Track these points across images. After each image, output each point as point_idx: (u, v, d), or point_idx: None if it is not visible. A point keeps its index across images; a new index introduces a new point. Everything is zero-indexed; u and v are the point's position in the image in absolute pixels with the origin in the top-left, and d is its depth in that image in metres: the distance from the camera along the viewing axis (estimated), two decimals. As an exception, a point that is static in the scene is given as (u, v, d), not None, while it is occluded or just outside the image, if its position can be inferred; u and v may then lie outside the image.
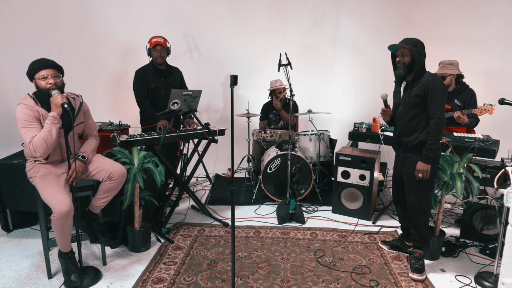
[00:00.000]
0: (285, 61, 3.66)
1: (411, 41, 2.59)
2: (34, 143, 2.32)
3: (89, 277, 2.59)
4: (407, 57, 2.59)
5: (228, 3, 5.01)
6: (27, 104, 2.40)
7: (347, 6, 4.94)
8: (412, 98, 2.59)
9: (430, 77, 2.56)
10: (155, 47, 3.57)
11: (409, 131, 2.66)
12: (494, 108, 3.25)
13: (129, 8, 4.82)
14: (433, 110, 2.54)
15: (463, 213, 3.26)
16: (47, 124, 2.34)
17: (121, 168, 2.66)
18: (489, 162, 3.23)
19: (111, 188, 2.62)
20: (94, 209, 2.68)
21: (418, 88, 2.57)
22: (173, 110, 3.25)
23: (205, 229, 3.42)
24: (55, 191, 2.39)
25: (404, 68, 2.61)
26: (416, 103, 2.58)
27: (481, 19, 4.52)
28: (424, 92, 2.54)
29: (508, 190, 2.14)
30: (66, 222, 2.39)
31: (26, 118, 2.36)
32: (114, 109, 4.83)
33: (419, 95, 2.56)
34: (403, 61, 2.61)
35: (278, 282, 2.61)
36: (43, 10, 4.56)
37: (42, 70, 2.39)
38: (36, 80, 2.40)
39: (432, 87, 2.51)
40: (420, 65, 2.58)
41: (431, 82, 2.52)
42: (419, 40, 2.62)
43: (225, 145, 4.12)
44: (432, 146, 2.55)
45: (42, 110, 2.42)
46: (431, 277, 2.71)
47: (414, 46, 2.56)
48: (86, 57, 4.81)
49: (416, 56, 2.55)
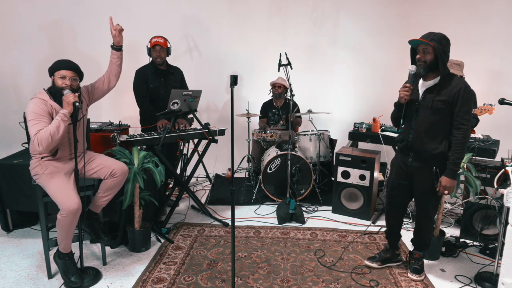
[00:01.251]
0: (285, 61, 3.66)
1: (436, 37, 2.30)
2: (39, 136, 2.34)
3: (89, 278, 2.58)
4: (429, 55, 2.32)
5: (228, 3, 5.02)
6: (42, 98, 2.46)
7: (347, 6, 4.94)
8: (437, 103, 2.34)
9: (461, 83, 2.31)
10: (154, 47, 3.57)
11: (427, 139, 2.41)
12: (494, 108, 3.25)
13: (129, 8, 4.82)
14: (461, 120, 2.29)
15: (463, 213, 3.26)
16: (57, 120, 2.38)
17: (123, 166, 2.68)
18: (489, 162, 3.23)
19: (112, 185, 2.63)
20: (95, 209, 2.68)
21: (446, 93, 2.32)
22: (173, 110, 3.25)
23: (205, 229, 3.42)
24: (64, 188, 2.41)
25: (425, 67, 2.36)
26: (440, 109, 2.34)
27: (481, 19, 4.52)
28: (453, 99, 2.29)
29: (508, 190, 2.14)
30: (73, 220, 2.40)
31: (38, 111, 2.41)
32: (114, 109, 4.83)
33: (446, 100, 2.31)
34: (425, 59, 2.34)
35: (278, 282, 2.61)
36: (42, 10, 4.56)
37: (63, 69, 2.48)
38: (55, 77, 2.49)
39: (464, 94, 2.27)
40: (445, 66, 2.32)
41: (463, 89, 2.27)
42: (445, 36, 2.32)
43: (225, 145, 4.12)
44: (458, 161, 2.32)
45: (55, 104, 2.49)
46: (431, 277, 2.71)
47: (439, 43, 2.28)
48: (86, 57, 4.80)
49: (440, 55, 2.29)
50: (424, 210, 2.61)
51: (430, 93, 2.40)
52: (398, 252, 2.88)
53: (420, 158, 2.47)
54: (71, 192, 2.41)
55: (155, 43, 3.56)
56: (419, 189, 2.55)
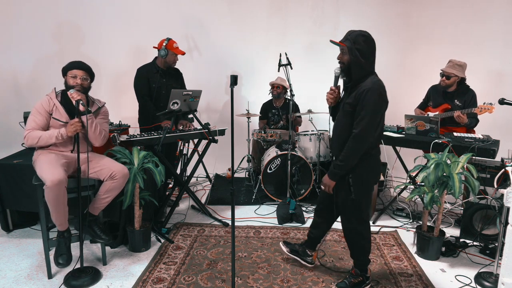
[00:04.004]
0: (285, 61, 3.66)
1: (351, 36, 2.14)
2: (30, 135, 2.57)
3: (88, 277, 2.59)
4: (346, 55, 2.17)
5: (228, 3, 5.02)
6: (48, 96, 2.66)
7: (347, 6, 4.95)
8: (346, 106, 2.21)
9: (368, 85, 2.11)
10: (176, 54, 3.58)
11: (341, 142, 2.25)
12: (493, 107, 3.25)
13: (129, 9, 4.83)
14: (356, 124, 2.14)
15: (463, 213, 3.26)
16: (52, 134, 2.56)
17: (123, 169, 2.68)
18: (489, 162, 3.23)
19: (112, 188, 2.63)
20: (94, 211, 2.68)
21: (354, 95, 2.16)
22: (173, 110, 3.25)
23: (205, 229, 3.42)
24: (50, 163, 2.48)
25: (345, 68, 2.20)
26: (349, 112, 2.19)
27: (481, 19, 4.52)
28: (357, 102, 2.12)
29: (508, 190, 2.14)
30: (59, 195, 2.40)
31: (39, 108, 2.61)
32: (114, 109, 4.82)
33: (352, 103, 2.16)
34: (342, 60, 2.20)
35: (278, 282, 2.61)
36: (43, 10, 4.57)
37: (75, 69, 2.65)
38: (67, 77, 2.65)
39: (365, 97, 2.09)
40: (359, 67, 2.15)
41: (365, 91, 2.09)
42: (363, 34, 2.15)
43: (225, 145, 4.11)
44: (341, 163, 2.19)
45: (58, 104, 2.65)
46: (431, 277, 2.71)
47: (353, 42, 2.12)
48: (86, 57, 4.80)
49: (353, 55, 2.13)
50: (345, 220, 2.44)
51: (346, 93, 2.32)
52: (311, 253, 2.73)
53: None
54: (55, 168, 2.43)
55: (182, 53, 3.60)
56: (337, 197, 2.38)
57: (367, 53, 2.14)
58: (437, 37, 4.69)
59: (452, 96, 3.62)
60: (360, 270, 2.52)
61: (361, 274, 2.52)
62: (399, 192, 4.00)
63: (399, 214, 3.72)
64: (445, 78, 3.56)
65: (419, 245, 3.00)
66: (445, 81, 3.57)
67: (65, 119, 2.64)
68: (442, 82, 3.60)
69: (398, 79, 4.95)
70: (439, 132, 3.40)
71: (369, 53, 2.16)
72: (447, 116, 3.56)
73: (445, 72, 3.55)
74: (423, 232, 2.98)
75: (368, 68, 2.18)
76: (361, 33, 2.15)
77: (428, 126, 3.45)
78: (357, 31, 2.16)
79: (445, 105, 3.64)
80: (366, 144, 2.18)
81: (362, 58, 2.13)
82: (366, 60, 2.15)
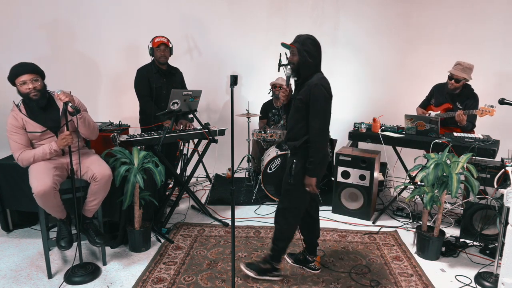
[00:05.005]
0: (285, 61, 3.66)
1: (300, 39, 2.38)
2: (22, 156, 2.52)
3: (88, 273, 2.61)
4: (295, 56, 2.37)
5: (228, 3, 5.01)
6: (12, 114, 2.54)
7: (347, 6, 4.94)
8: (297, 101, 2.39)
9: (314, 81, 2.33)
10: (159, 46, 3.53)
11: (292, 136, 2.46)
12: (494, 110, 3.24)
13: (129, 8, 4.82)
14: (311, 121, 2.34)
15: (463, 213, 3.26)
16: (45, 151, 2.51)
17: (106, 170, 2.60)
18: (489, 162, 3.23)
19: (96, 190, 2.59)
20: (86, 213, 2.68)
21: (303, 92, 2.35)
22: (173, 110, 3.25)
23: (205, 229, 3.42)
24: (40, 173, 2.44)
25: (295, 68, 2.40)
26: (300, 108, 2.37)
27: (480, 19, 4.52)
28: (307, 98, 2.32)
29: (508, 190, 2.15)
30: (46, 201, 2.41)
31: (11, 129, 2.52)
32: (114, 109, 4.84)
33: (302, 99, 2.35)
34: (292, 60, 2.40)
35: (278, 282, 2.61)
36: (42, 9, 4.56)
37: (21, 75, 2.49)
38: (17, 86, 2.51)
39: (313, 93, 2.29)
40: (307, 66, 2.36)
41: (313, 87, 2.30)
42: (311, 37, 2.38)
43: (225, 145, 4.12)
44: (312, 159, 2.35)
45: (26, 118, 2.54)
46: (431, 277, 2.71)
47: (301, 44, 2.35)
48: (86, 57, 4.81)
49: (301, 56, 2.34)
50: (280, 204, 2.58)
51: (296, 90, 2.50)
52: (313, 259, 2.76)
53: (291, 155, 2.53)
54: (43, 175, 2.41)
55: (159, 42, 3.52)
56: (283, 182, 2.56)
57: (314, 54, 2.37)
58: (437, 37, 4.69)
59: (455, 98, 3.60)
60: (270, 257, 2.61)
61: (270, 261, 2.62)
62: (399, 192, 4.00)
63: (399, 214, 3.72)
64: (454, 81, 3.49)
65: (419, 245, 3.00)
66: (454, 84, 3.50)
67: (39, 128, 2.56)
68: (451, 85, 3.52)
69: (398, 79, 4.96)
70: (439, 132, 3.40)
71: (315, 54, 2.38)
72: (449, 116, 3.55)
73: (454, 75, 3.48)
74: (423, 232, 2.98)
75: (314, 68, 2.40)
76: (309, 37, 2.39)
77: (428, 126, 3.45)
78: (305, 35, 2.39)
79: (447, 105, 3.64)
80: (327, 134, 2.44)
81: (309, 58, 2.35)
82: (313, 60, 2.37)
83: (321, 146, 2.37)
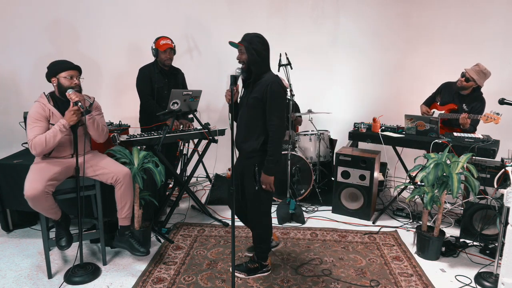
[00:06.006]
0: (285, 61, 3.66)
1: (247, 37, 2.40)
2: (35, 141, 2.45)
3: (88, 273, 2.62)
4: (244, 54, 2.39)
5: (228, 3, 5.01)
6: (41, 103, 2.55)
7: (347, 6, 4.94)
8: (251, 100, 2.39)
9: (271, 78, 2.36)
10: (165, 50, 3.51)
11: (245, 136, 2.45)
12: (500, 118, 3.20)
13: (129, 8, 4.82)
14: (269, 119, 2.34)
15: (463, 213, 3.26)
16: (55, 129, 2.47)
17: (123, 169, 2.69)
18: (489, 162, 3.23)
19: (122, 192, 2.65)
20: (123, 222, 2.72)
21: (258, 89, 2.36)
22: (173, 110, 3.25)
23: (205, 229, 3.42)
24: (34, 175, 2.45)
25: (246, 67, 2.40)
26: (254, 106, 2.38)
27: (481, 19, 4.52)
28: (263, 96, 2.33)
29: (508, 190, 2.15)
30: (36, 204, 2.42)
31: (36, 116, 2.50)
32: (114, 109, 4.83)
33: (257, 97, 2.36)
34: (242, 59, 2.40)
35: (278, 282, 2.61)
36: (43, 9, 4.56)
37: (70, 70, 2.56)
38: (60, 78, 2.54)
39: (271, 91, 2.31)
40: (257, 64, 2.37)
41: (270, 85, 2.32)
42: (258, 36, 2.41)
43: (225, 145, 4.12)
44: (271, 158, 2.36)
45: (54, 109, 2.56)
46: (431, 277, 2.71)
47: (249, 42, 2.36)
48: (86, 57, 4.81)
49: (250, 54, 2.35)
50: (251, 211, 2.57)
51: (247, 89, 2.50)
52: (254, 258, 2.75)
53: (242, 156, 2.53)
54: (35, 180, 2.42)
55: (167, 47, 3.50)
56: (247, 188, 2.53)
57: (262, 52, 2.39)
58: (437, 37, 4.69)
59: (462, 99, 3.58)
60: (257, 257, 2.68)
61: (257, 261, 2.68)
62: (399, 192, 4.00)
63: (399, 214, 3.72)
64: (464, 79, 3.48)
65: (419, 245, 3.00)
66: (462, 82, 3.48)
67: None
68: (460, 82, 3.51)
69: (398, 79, 4.96)
70: (439, 132, 3.40)
71: (264, 53, 2.40)
72: (452, 117, 3.54)
73: (467, 73, 3.46)
74: (423, 232, 2.98)
75: (264, 66, 2.42)
76: (256, 35, 2.41)
77: (428, 126, 3.45)
78: (252, 34, 2.41)
79: (452, 105, 3.62)
80: (284, 131, 2.44)
81: (258, 56, 2.37)
82: (262, 58, 2.39)
83: (280, 144, 2.40)
